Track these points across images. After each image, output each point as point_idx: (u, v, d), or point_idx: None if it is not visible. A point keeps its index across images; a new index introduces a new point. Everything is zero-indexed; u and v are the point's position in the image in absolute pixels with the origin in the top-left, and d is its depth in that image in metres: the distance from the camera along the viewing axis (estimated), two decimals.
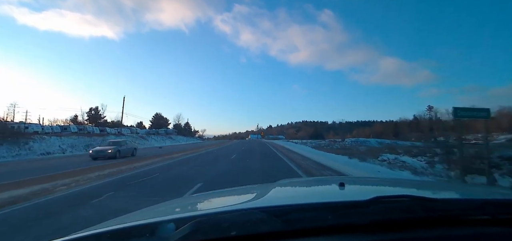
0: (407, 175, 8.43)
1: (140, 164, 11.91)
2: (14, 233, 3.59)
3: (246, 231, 0.66)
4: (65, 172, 9.51)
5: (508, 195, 1.13)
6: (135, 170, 9.84)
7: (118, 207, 4.68)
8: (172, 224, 0.67)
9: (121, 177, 8.25)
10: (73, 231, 0.74)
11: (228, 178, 8.22)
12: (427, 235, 0.69)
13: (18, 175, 8.88)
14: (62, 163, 13.62)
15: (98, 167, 10.90)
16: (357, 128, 71.23)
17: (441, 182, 5.00)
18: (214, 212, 0.86)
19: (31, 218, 4.24)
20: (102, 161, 14.16)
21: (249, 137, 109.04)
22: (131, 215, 1.04)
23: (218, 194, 1.41)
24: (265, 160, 14.25)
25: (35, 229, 3.69)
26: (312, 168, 10.44)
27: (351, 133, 64.05)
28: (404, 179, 3.35)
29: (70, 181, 7.49)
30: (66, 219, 4.08)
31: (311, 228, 0.68)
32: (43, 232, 3.49)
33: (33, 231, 3.61)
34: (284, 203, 0.97)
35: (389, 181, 1.95)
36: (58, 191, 6.20)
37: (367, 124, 63.23)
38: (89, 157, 15.61)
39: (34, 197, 5.63)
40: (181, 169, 10.39)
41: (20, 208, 4.83)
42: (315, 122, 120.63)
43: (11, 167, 12.21)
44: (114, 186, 6.78)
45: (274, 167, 10.78)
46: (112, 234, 0.72)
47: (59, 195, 5.83)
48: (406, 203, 0.76)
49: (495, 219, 0.75)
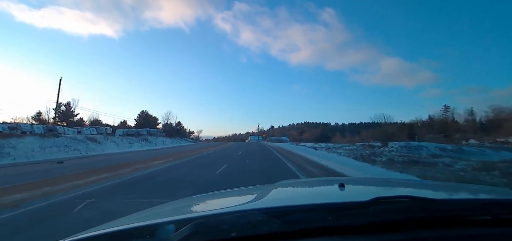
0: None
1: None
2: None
3: (246, 232, 0.66)
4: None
5: (508, 195, 1.10)
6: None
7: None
8: (172, 226, 0.68)
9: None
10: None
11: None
12: (427, 235, 0.69)
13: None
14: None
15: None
16: (363, 129, 63.80)
17: (441, 182, 4.84)
18: (214, 214, 0.86)
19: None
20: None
21: (249, 138, 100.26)
22: (131, 216, 1.04)
23: (218, 196, 1.42)
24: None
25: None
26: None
27: (359, 134, 59.38)
28: (404, 180, 3.30)
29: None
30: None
31: (311, 229, 0.69)
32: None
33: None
34: (284, 204, 0.97)
35: (389, 182, 1.94)
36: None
37: (371, 126, 58.71)
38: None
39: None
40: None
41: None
42: (318, 124, 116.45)
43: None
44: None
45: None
46: (112, 236, 0.72)
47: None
48: (406, 204, 0.76)
49: (496, 219, 0.75)
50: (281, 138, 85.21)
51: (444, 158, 15.38)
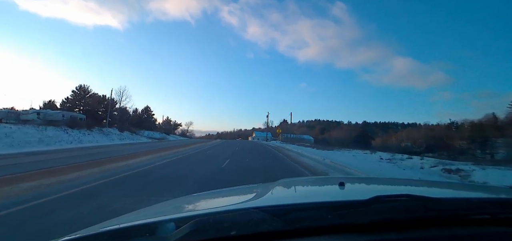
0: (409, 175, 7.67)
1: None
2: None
3: (246, 230, 0.66)
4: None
5: (508, 194, 1.13)
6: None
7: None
8: (172, 224, 0.68)
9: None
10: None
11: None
12: (427, 234, 0.69)
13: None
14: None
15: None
16: (377, 129, 54.57)
17: (441, 181, 5.00)
18: (214, 212, 0.86)
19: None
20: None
21: (253, 135, 76.87)
22: (131, 214, 1.04)
23: (218, 194, 1.41)
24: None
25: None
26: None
27: (385, 134, 48.50)
28: (405, 179, 3.36)
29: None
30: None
31: (311, 228, 0.69)
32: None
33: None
34: (285, 203, 0.97)
35: (390, 181, 1.96)
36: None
37: (387, 126, 47.54)
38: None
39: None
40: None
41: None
42: (329, 122, 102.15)
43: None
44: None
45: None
46: (112, 234, 0.72)
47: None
48: (406, 203, 0.77)
49: (496, 218, 0.75)
50: (302, 136, 58.32)
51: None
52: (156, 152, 15.49)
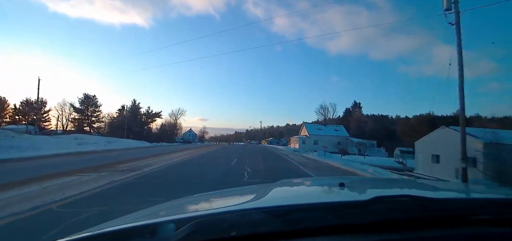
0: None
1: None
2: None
3: (246, 231, 0.66)
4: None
5: (508, 195, 1.13)
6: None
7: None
8: (172, 225, 0.68)
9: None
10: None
11: None
12: (427, 235, 0.69)
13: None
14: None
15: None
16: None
17: (441, 182, 5.00)
18: (214, 213, 0.86)
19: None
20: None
21: (301, 133, 47.15)
22: (131, 215, 1.04)
23: (218, 195, 1.42)
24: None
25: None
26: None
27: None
28: (405, 179, 3.37)
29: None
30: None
31: (311, 228, 0.68)
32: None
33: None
34: (284, 203, 0.97)
35: (390, 181, 1.96)
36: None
37: (444, 119, 36.52)
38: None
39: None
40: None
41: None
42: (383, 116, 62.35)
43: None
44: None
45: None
46: (112, 234, 0.72)
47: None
48: (406, 203, 0.77)
49: (496, 219, 0.75)
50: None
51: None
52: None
